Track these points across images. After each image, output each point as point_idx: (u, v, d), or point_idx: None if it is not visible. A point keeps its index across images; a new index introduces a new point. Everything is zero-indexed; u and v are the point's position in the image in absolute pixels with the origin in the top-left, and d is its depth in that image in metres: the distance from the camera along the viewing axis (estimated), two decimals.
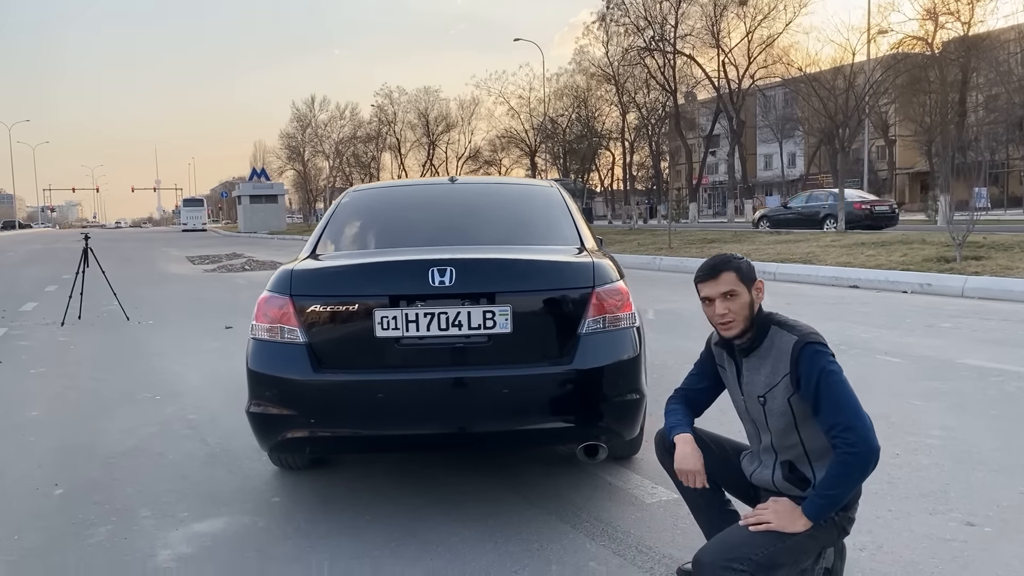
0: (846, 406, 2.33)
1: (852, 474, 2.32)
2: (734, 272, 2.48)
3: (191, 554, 3.03)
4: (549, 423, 3.12)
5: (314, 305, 3.11)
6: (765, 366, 2.49)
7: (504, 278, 3.13)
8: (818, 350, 2.39)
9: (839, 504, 2.35)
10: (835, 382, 2.35)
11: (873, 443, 2.30)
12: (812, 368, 2.37)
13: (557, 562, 2.89)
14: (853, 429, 2.30)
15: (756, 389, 2.52)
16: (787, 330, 2.47)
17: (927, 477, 3.67)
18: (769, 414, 2.50)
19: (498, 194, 4.35)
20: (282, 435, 3.10)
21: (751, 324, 2.50)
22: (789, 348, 2.43)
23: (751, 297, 2.49)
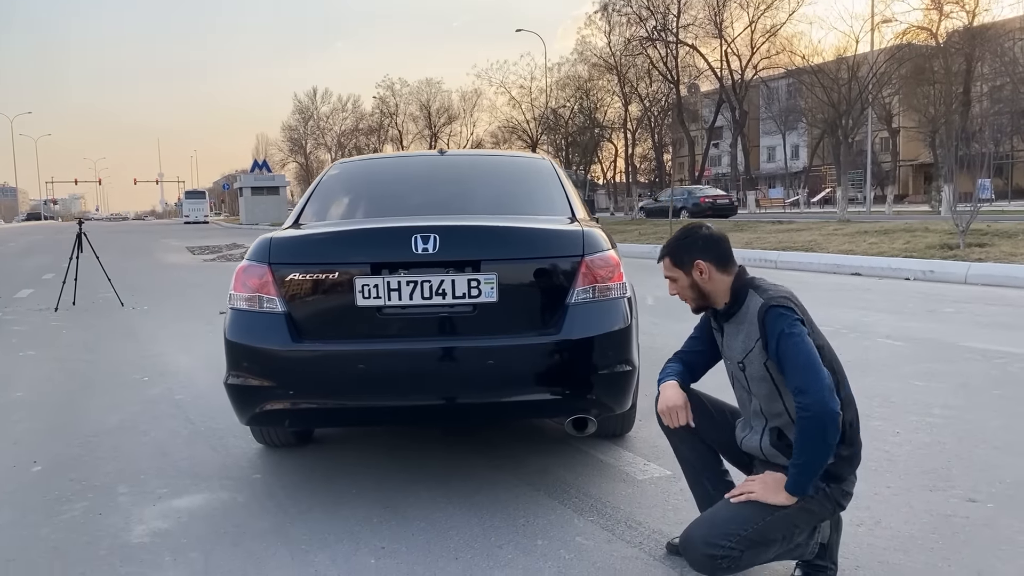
0: (801, 367, 2.23)
1: (811, 438, 2.21)
2: (668, 258, 2.50)
3: (166, 529, 2.94)
4: (536, 395, 3.01)
5: (293, 273, 3.01)
6: (742, 331, 2.43)
7: (490, 246, 3.02)
8: (781, 313, 2.31)
9: (814, 473, 2.24)
10: (792, 344, 2.26)
11: (827, 404, 2.19)
12: (773, 332, 2.30)
13: (543, 536, 2.79)
14: (805, 392, 2.21)
15: (735, 355, 2.46)
16: (760, 294, 2.40)
17: (928, 454, 3.56)
18: (751, 380, 2.43)
19: (488, 166, 4.23)
20: (260, 407, 3.00)
21: (705, 300, 2.48)
22: (756, 315, 2.36)
23: (691, 279, 2.46)
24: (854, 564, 2.52)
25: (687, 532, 2.33)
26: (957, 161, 16.77)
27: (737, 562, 2.24)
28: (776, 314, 2.30)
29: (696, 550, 2.26)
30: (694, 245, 2.46)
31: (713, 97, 44.38)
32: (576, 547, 2.70)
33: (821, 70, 30.76)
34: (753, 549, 2.25)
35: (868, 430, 3.91)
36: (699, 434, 2.59)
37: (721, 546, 2.21)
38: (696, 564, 2.29)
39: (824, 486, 2.31)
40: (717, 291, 2.46)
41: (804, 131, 54.54)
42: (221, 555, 2.70)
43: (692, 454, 2.62)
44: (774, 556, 2.33)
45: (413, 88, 58.83)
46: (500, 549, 2.70)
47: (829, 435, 2.20)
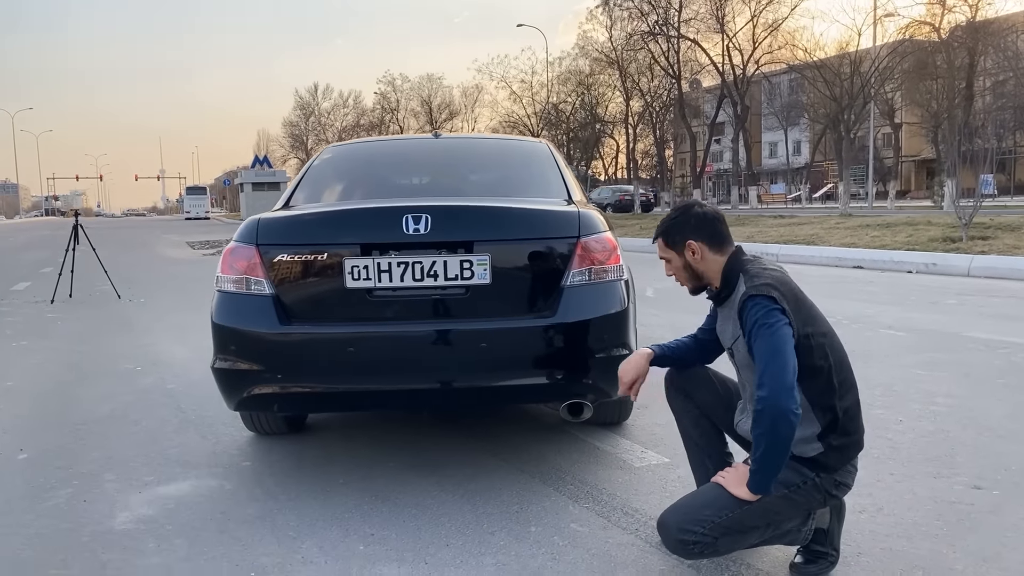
0: (765, 360, 2.12)
1: (762, 434, 2.09)
2: (661, 239, 2.42)
3: (151, 516, 2.87)
4: (530, 379, 2.94)
5: (281, 255, 2.93)
6: (731, 317, 2.34)
7: (483, 226, 2.94)
8: (758, 302, 2.19)
9: (771, 471, 2.13)
10: (762, 335, 2.15)
11: (780, 401, 2.06)
12: (748, 321, 2.20)
13: (537, 523, 2.72)
14: (762, 385, 2.10)
15: (726, 340, 2.40)
16: (746, 280, 2.28)
17: (932, 442, 3.49)
18: (740, 366, 2.36)
19: (483, 149, 4.16)
20: (248, 391, 2.93)
21: (700, 281, 2.41)
22: (737, 300, 2.27)
23: (684, 260, 2.38)
24: (856, 551, 2.45)
25: (663, 515, 2.24)
26: (960, 156, 16.63)
27: (712, 548, 2.17)
28: (754, 303, 2.19)
29: (669, 534, 2.19)
30: (686, 224, 2.37)
31: (715, 92, 44.22)
32: (570, 534, 2.63)
33: (823, 65, 30.65)
34: (729, 536, 2.17)
35: (870, 419, 3.83)
36: (704, 410, 2.52)
37: (694, 532, 2.14)
38: (671, 548, 2.23)
39: (813, 476, 2.23)
40: (711, 272, 2.36)
41: (806, 127, 54.45)
42: (206, 541, 2.63)
43: (696, 431, 2.55)
44: (759, 542, 2.26)
45: (414, 84, 58.73)
46: (492, 536, 2.63)
47: (780, 433, 2.08)
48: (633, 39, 36.96)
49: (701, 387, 2.51)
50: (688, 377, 2.53)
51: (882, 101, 39.01)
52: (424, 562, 2.45)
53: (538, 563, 2.43)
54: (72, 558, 2.54)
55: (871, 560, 2.39)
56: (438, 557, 2.48)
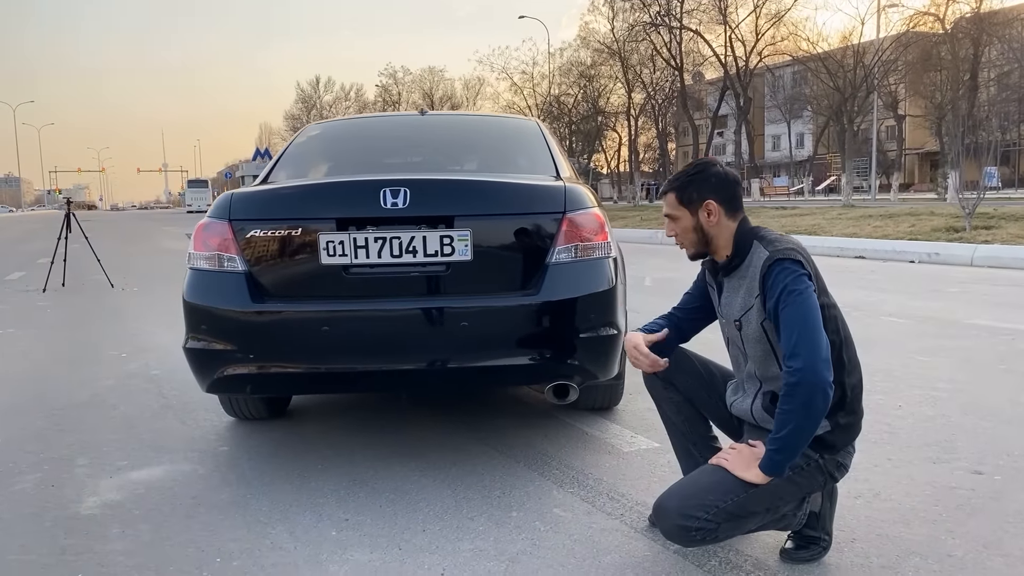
0: (797, 328, 1.99)
1: (796, 409, 1.96)
2: (673, 194, 2.21)
3: (119, 501, 2.76)
4: (514, 359, 2.82)
5: (254, 230, 2.82)
6: (742, 287, 2.18)
7: (464, 200, 2.83)
8: (786, 267, 2.06)
9: (793, 452, 2.01)
10: (792, 302, 2.01)
11: (820, 372, 1.95)
12: (775, 288, 2.06)
13: (519, 509, 2.61)
14: (797, 355, 1.97)
15: (733, 312, 2.22)
16: (765, 245, 2.14)
17: (932, 427, 3.38)
18: (746, 340, 2.20)
19: (470, 125, 4.03)
20: (220, 372, 2.82)
21: (705, 247, 2.22)
22: (760, 268, 2.11)
23: (696, 221, 2.19)
24: (850, 536, 2.34)
25: (661, 499, 2.10)
26: (963, 148, 16.50)
27: (713, 534, 2.03)
28: (781, 268, 2.06)
29: (669, 520, 2.04)
30: (706, 182, 2.18)
31: (718, 85, 43.97)
32: (553, 519, 2.52)
33: (827, 56, 30.41)
34: (732, 522, 2.03)
35: (869, 404, 3.71)
36: (687, 395, 2.40)
37: (696, 517, 1.99)
38: (669, 534, 2.08)
39: (817, 457, 2.11)
40: (720, 238, 2.19)
41: (809, 119, 54.15)
42: (172, 527, 2.53)
43: (678, 417, 2.43)
44: (756, 527, 2.13)
45: (416, 76, 58.61)
46: (472, 521, 2.52)
47: (816, 408, 1.97)
48: (635, 30, 36.73)
49: (682, 371, 2.38)
50: (669, 361, 2.37)
51: (886, 93, 38.73)
52: (398, 548, 2.34)
53: (517, 549, 2.32)
54: (32, 543, 2.44)
55: (866, 546, 2.28)
56: (413, 543, 2.37)
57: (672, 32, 36.69)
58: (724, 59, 37.11)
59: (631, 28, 37.01)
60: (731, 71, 37.08)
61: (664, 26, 36.36)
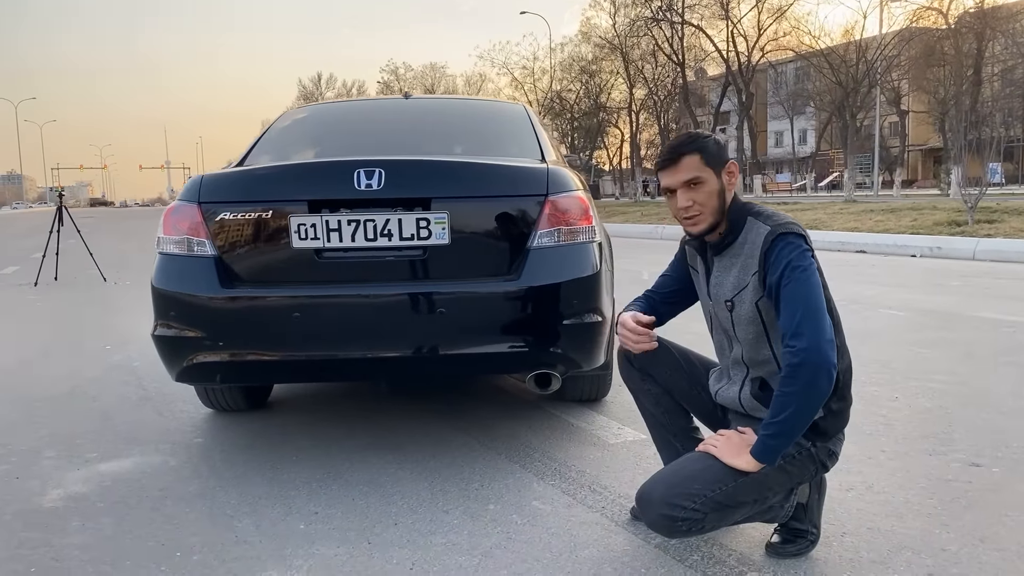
0: (801, 306, 1.88)
1: (797, 393, 1.85)
2: (698, 154, 2.02)
3: (83, 493, 2.67)
4: (493, 347, 2.72)
5: (224, 213, 2.72)
6: (736, 265, 2.06)
7: (441, 182, 2.72)
8: (790, 241, 1.96)
9: (791, 437, 1.90)
10: (796, 278, 1.90)
11: (824, 353, 1.85)
12: (779, 262, 1.94)
13: (496, 501, 2.51)
14: (801, 334, 1.86)
15: (724, 293, 2.09)
16: (763, 220, 2.03)
17: (929, 419, 3.27)
18: (737, 322, 2.08)
19: (455, 109, 3.93)
20: (189, 360, 2.72)
21: (722, 216, 2.06)
22: (761, 242, 2.00)
23: (721, 184, 2.04)
24: (840, 530, 2.23)
25: (646, 488, 1.99)
26: (966, 142, 16.36)
27: (699, 525, 1.92)
28: (785, 243, 1.94)
29: (654, 509, 1.93)
30: (721, 145, 2.05)
31: (720, 81, 43.75)
32: (531, 512, 2.42)
33: (830, 51, 30.24)
34: (719, 512, 1.93)
35: (864, 396, 3.63)
36: (665, 386, 2.29)
37: (683, 507, 1.88)
38: (653, 525, 1.97)
39: (809, 445, 2.00)
40: (727, 206, 2.06)
41: (812, 115, 53.96)
42: (135, 519, 2.43)
43: (657, 409, 2.32)
44: (742, 519, 2.02)
45: (417, 72, 58.28)
46: (446, 514, 2.42)
47: (819, 390, 1.86)
48: (636, 25, 36.54)
49: (660, 362, 2.27)
50: (644, 351, 2.26)
51: (889, 89, 38.51)
52: (367, 541, 2.24)
53: (491, 542, 2.22)
54: None
55: (856, 540, 2.17)
56: (383, 536, 2.27)
57: (674, 27, 36.50)
58: (726, 54, 36.90)
59: (632, 23, 36.82)
60: (733, 67, 36.88)
61: (666, 21, 36.17)
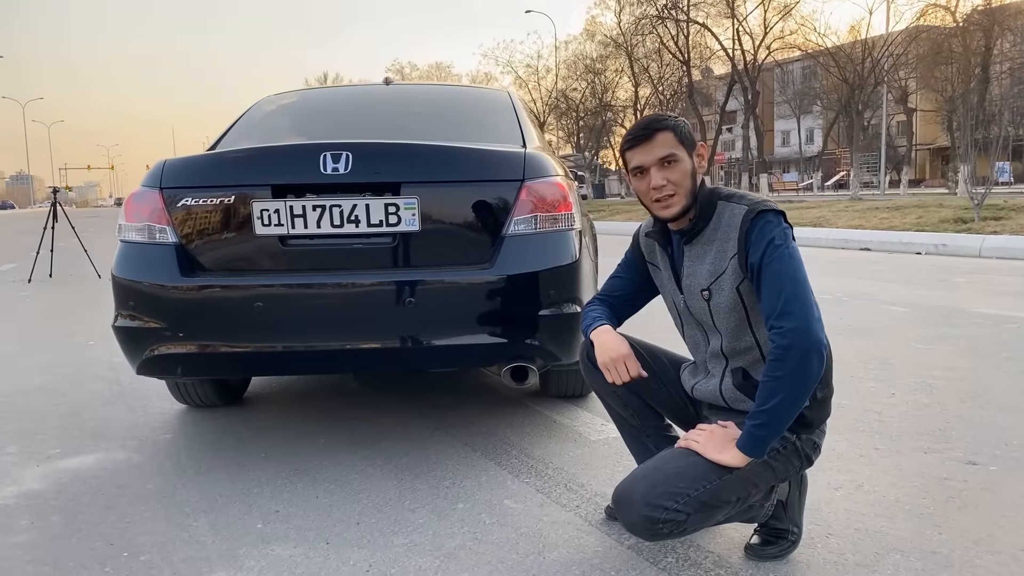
0: (787, 285, 1.76)
1: (787, 377, 1.73)
2: (671, 132, 1.90)
3: (38, 491, 2.56)
4: (466, 338, 2.60)
5: (186, 199, 2.61)
6: (710, 252, 1.93)
7: (411, 166, 2.60)
8: (770, 220, 1.84)
9: (781, 426, 1.77)
10: (780, 255, 1.79)
11: (815, 333, 1.73)
12: (760, 241, 1.82)
13: (466, 500, 2.39)
14: (789, 313, 1.74)
15: (699, 282, 1.96)
16: (736, 201, 1.91)
17: (925, 416, 3.14)
18: (716, 312, 1.94)
19: (436, 96, 3.81)
20: (150, 351, 2.61)
21: (693, 200, 1.94)
22: (738, 223, 1.88)
23: (693, 165, 1.93)
24: (826, 531, 2.11)
25: (625, 487, 1.84)
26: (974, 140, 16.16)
27: (681, 527, 1.78)
28: (765, 220, 1.83)
29: (633, 510, 1.78)
30: (688, 127, 1.94)
31: (727, 80, 43.51)
32: (501, 511, 2.30)
33: (837, 49, 30.02)
34: (702, 512, 1.79)
35: (860, 392, 3.50)
36: (632, 387, 2.12)
37: (665, 507, 1.75)
38: (632, 526, 1.83)
39: (793, 437, 1.87)
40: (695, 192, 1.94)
41: (819, 115, 53.64)
42: (87, 518, 2.32)
43: (626, 411, 2.17)
44: (723, 519, 1.90)
45: (423, 72, 58.14)
46: (412, 513, 2.30)
47: (811, 373, 1.73)
48: (642, 23, 36.34)
49: None
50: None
51: (896, 87, 38.24)
52: (325, 542, 2.13)
53: (456, 543, 2.10)
54: None
55: (842, 542, 2.05)
56: (343, 537, 2.16)
57: (679, 25, 36.29)
58: (732, 53, 36.68)
59: (638, 21, 36.61)
60: (739, 65, 36.66)
61: (671, 19, 35.96)
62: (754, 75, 36.32)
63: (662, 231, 2.04)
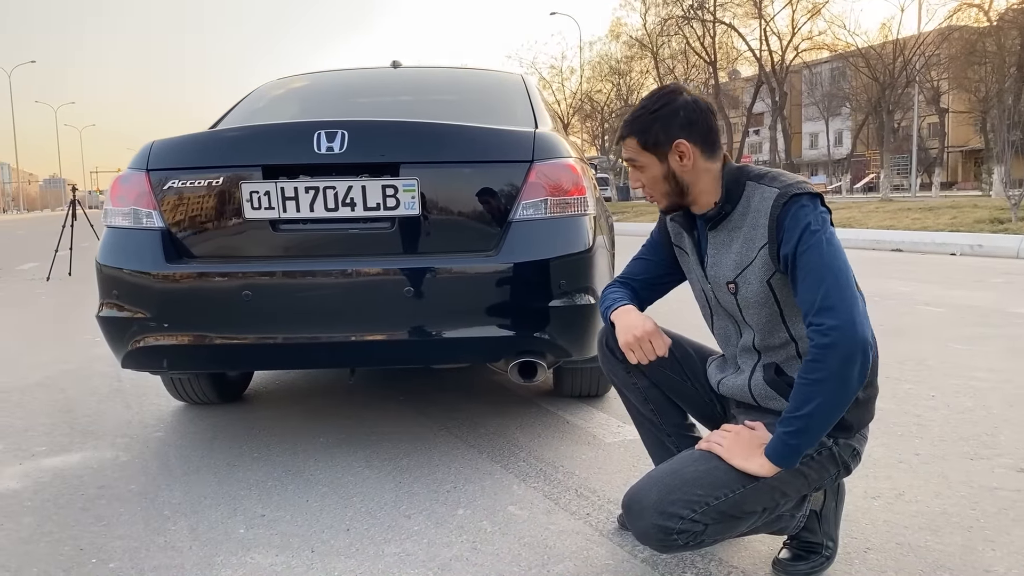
0: (829, 276, 1.55)
1: (827, 380, 1.52)
2: (634, 138, 1.73)
3: (16, 490, 2.41)
4: (469, 331, 2.41)
5: (173, 181, 2.45)
6: (737, 239, 1.71)
7: (411, 146, 2.42)
8: (804, 204, 1.62)
9: (816, 435, 1.56)
10: (815, 244, 1.57)
11: (858, 330, 1.51)
12: (795, 227, 1.60)
13: (467, 506, 2.20)
14: (831, 308, 1.52)
15: (725, 273, 1.74)
16: (767, 183, 1.69)
17: (969, 419, 2.90)
18: (744, 305, 1.73)
19: (445, 78, 3.63)
20: (134, 343, 2.45)
21: (682, 198, 1.75)
22: (768, 208, 1.66)
23: (667, 168, 1.72)
24: (863, 546, 1.89)
25: (636, 492, 1.63)
26: (1009, 141, 15.72)
27: (698, 538, 1.58)
28: (799, 205, 1.62)
29: (645, 518, 1.58)
30: (674, 118, 1.70)
31: (754, 82, 43.02)
32: (504, 518, 2.11)
33: (869, 49, 29.49)
34: (722, 523, 1.59)
35: (897, 394, 3.27)
36: (654, 380, 1.93)
37: (681, 516, 1.55)
38: (643, 536, 1.62)
39: (830, 443, 1.66)
40: (700, 184, 1.73)
41: (848, 116, 52.86)
42: (60, 520, 2.16)
43: (646, 407, 1.97)
44: (747, 530, 1.69)
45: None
46: (408, 519, 2.12)
47: (853, 377, 1.52)
48: (667, 24, 36.01)
49: None
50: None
51: (928, 88, 37.52)
52: (311, 550, 1.95)
53: (452, 553, 1.91)
54: None
55: (882, 557, 1.83)
56: (330, 544, 1.98)
57: (705, 26, 35.93)
58: (759, 53, 36.24)
59: (664, 22, 36.29)
60: (766, 66, 36.20)
61: (697, 19, 35.62)
62: (782, 76, 35.87)
63: (686, 214, 1.84)
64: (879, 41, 32.78)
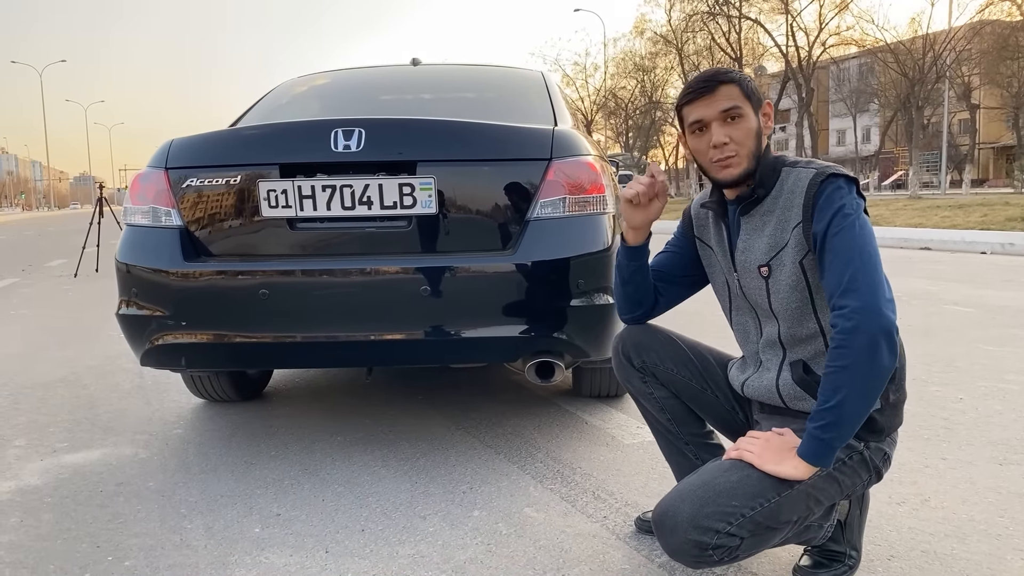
0: (854, 258, 1.50)
1: (854, 367, 1.45)
2: (736, 85, 1.65)
3: (36, 486, 2.43)
4: (486, 331, 2.39)
5: (192, 179, 2.45)
6: (770, 223, 1.66)
7: (428, 144, 2.41)
8: (840, 186, 1.58)
9: (850, 428, 1.49)
10: (848, 226, 1.52)
11: (884, 312, 1.45)
12: (827, 208, 1.56)
13: (483, 507, 2.18)
14: (855, 290, 1.47)
15: (756, 257, 1.69)
16: (803, 167, 1.65)
17: (998, 423, 2.83)
18: (774, 291, 1.67)
19: (465, 76, 3.60)
20: (152, 341, 2.46)
21: (756, 165, 1.67)
22: (803, 188, 1.61)
23: (758, 124, 1.67)
24: (887, 552, 1.85)
25: (667, 506, 1.55)
26: None
27: (733, 553, 1.52)
28: (835, 186, 1.58)
29: (679, 533, 1.50)
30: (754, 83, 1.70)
31: (780, 79, 42.59)
32: (520, 520, 2.09)
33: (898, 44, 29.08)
34: (758, 536, 1.53)
35: (924, 397, 3.20)
36: (671, 388, 1.90)
37: (716, 531, 1.48)
38: (677, 552, 1.54)
39: (860, 446, 1.61)
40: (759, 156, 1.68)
41: (875, 113, 52.19)
42: (78, 517, 2.17)
43: (663, 415, 1.93)
44: (779, 542, 1.64)
45: None
46: (423, 520, 2.11)
47: (881, 361, 1.45)
48: (693, 19, 35.75)
49: (666, 358, 1.89)
50: (647, 345, 1.90)
51: (958, 83, 36.95)
52: (325, 550, 1.94)
53: (466, 556, 1.89)
54: None
55: (906, 565, 1.78)
56: (344, 544, 1.97)
57: (731, 21, 35.62)
58: (785, 49, 35.84)
59: (688, 17, 36.03)
60: (793, 62, 35.81)
61: (722, 15, 35.31)
62: (808, 72, 35.46)
63: (719, 200, 1.79)
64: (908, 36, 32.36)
